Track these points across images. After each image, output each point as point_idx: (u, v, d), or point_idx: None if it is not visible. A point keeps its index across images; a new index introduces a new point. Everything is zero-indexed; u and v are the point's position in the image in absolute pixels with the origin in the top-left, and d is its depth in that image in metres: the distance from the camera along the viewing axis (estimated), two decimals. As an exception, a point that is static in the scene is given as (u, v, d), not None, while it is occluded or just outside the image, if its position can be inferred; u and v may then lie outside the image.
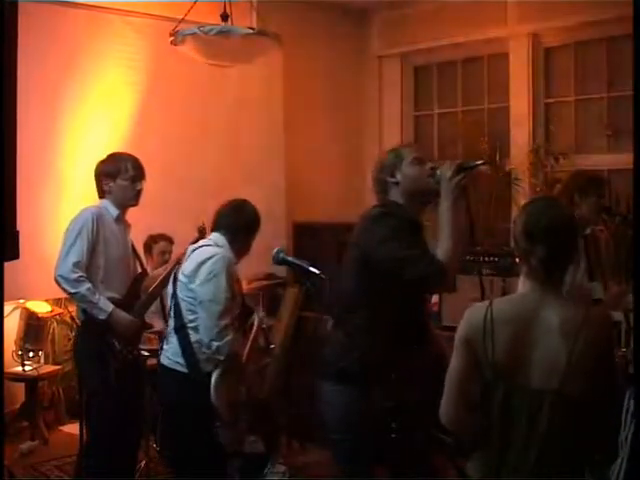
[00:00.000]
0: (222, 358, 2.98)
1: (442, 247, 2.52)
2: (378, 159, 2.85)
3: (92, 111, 4.96)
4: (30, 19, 4.36)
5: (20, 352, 4.75)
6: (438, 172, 2.58)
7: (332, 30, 6.33)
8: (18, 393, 4.81)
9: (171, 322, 3.13)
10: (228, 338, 2.98)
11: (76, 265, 3.36)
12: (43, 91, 4.66)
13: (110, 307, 3.40)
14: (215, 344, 2.96)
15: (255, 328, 3.43)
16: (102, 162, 3.64)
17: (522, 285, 2.16)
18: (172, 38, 4.07)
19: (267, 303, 5.30)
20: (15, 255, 1.39)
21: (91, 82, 4.95)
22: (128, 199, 3.60)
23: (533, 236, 2.06)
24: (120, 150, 4.98)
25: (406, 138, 6.48)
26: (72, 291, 3.39)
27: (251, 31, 4.00)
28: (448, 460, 2.67)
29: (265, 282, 5.33)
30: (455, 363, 2.12)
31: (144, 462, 3.94)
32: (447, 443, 2.66)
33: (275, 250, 2.56)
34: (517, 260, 2.19)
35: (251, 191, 5.75)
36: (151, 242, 4.62)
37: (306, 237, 5.74)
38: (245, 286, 5.71)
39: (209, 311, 2.99)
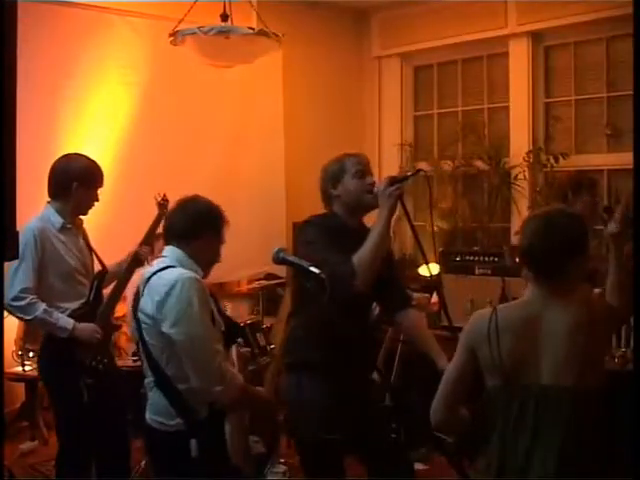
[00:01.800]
0: (229, 401, 2.47)
1: (360, 251, 2.67)
2: (323, 167, 2.98)
3: (92, 111, 4.96)
4: (30, 19, 4.37)
5: (20, 352, 4.75)
6: (375, 189, 2.74)
7: (332, 30, 6.33)
8: (18, 393, 4.81)
9: (147, 374, 2.55)
10: (229, 376, 2.45)
11: (24, 291, 3.16)
12: (43, 91, 4.66)
13: (71, 323, 3.21)
14: (218, 389, 2.41)
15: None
16: (71, 161, 3.40)
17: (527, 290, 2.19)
18: (172, 38, 4.07)
19: (267, 303, 5.30)
20: (15, 255, 1.38)
21: (91, 82, 4.95)
22: (86, 207, 3.41)
23: (533, 248, 2.09)
24: (121, 151, 5.03)
25: (406, 138, 6.49)
26: (27, 318, 3.22)
27: (251, 31, 4.01)
28: (448, 460, 2.67)
29: (265, 282, 5.33)
30: (455, 366, 2.15)
31: (144, 462, 3.94)
32: (447, 443, 2.66)
33: (275, 250, 2.55)
34: (517, 260, 2.23)
35: (251, 191, 5.79)
36: (155, 240, 4.59)
37: (306, 237, 5.74)
38: (245, 286, 5.75)
39: (196, 356, 2.42)
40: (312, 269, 2.40)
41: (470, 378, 2.13)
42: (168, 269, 2.52)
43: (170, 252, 2.61)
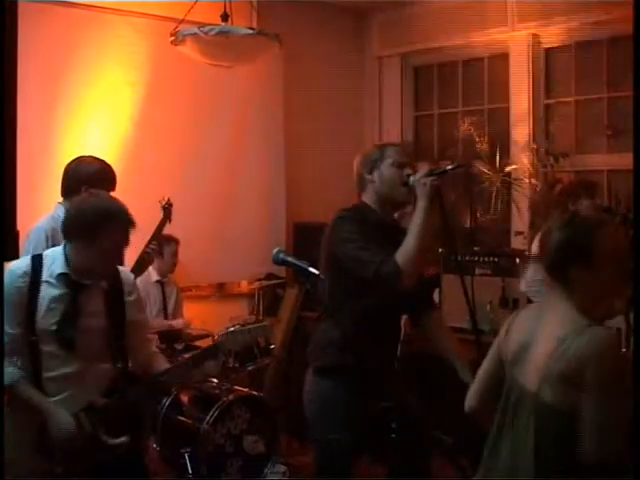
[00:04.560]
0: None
1: (402, 247, 2.57)
2: (363, 151, 2.86)
3: (92, 111, 4.96)
4: (30, 19, 4.37)
5: (20, 352, 4.74)
6: (411, 178, 2.65)
7: (332, 30, 6.33)
8: (18, 393, 4.81)
9: None
10: (5, 366, 2.39)
11: None
12: (43, 91, 4.66)
13: None
14: None
15: None
16: (82, 164, 3.47)
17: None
18: (172, 38, 4.07)
19: (267, 303, 5.30)
20: (15, 255, 1.39)
21: (91, 82, 4.95)
22: None
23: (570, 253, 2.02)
24: (121, 151, 5.02)
25: (406, 138, 6.48)
26: None
27: (251, 31, 4.01)
28: (448, 460, 2.68)
29: (265, 282, 5.34)
30: (487, 359, 2.22)
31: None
32: (447, 443, 2.67)
33: (275, 250, 2.56)
34: (517, 260, 2.24)
35: (251, 191, 5.79)
36: (162, 243, 4.57)
37: (306, 237, 5.74)
38: (245, 286, 5.75)
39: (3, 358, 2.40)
40: (312, 270, 2.41)
41: (494, 371, 2.18)
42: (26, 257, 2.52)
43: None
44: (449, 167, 2.69)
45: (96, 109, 4.98)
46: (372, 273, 2.56)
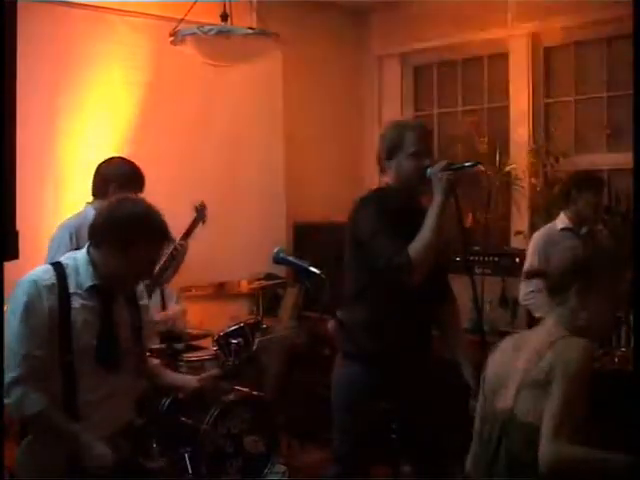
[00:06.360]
0: (17, 418, 2.32)
1: (416, 240, 2.55)
2: (383, 130, 2.85)
3: (92, 111, 4.96)
4: (30, 19, 4.37)
5: (20, 352, 4.74)
6: (428, 170, 2.62)
7: (332, 30, 6.33)
8: (18, 393, 4.81)
9: None
10: (17, 395, 2.20)
11: None
12: (43, 91, 4.66)
13: None
14: (5, 400, 2.17)
15: None
16: (112, 164, 3.54)
17: None
18: (172, 38, 4.07)
19: (267, 303, 5.30)
20: (15, 255, 1.39)
21: (91, 82, 4.95)
22: None
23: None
24: (120, 151, 5.02)
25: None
26: None
27: (251, 31, 4.01)
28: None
29: (265, 282, 5.34)
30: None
31: (144, 462, 3.93)
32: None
33: (275, 250, 2.56)
34: (517, 260, 2.28)
35: (251, 191, 5.79)
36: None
37: (306, 237, 5.75)
38: (245, 286, 5.75)
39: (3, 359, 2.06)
40: (312, 269, 2.40)
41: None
42: (43, 266, 2.37)
43: (81, 251, 2.37)
44: (467, 164, 2.67)
45: (96, 109, 4.98)
46: (383, 264, 2.55)
